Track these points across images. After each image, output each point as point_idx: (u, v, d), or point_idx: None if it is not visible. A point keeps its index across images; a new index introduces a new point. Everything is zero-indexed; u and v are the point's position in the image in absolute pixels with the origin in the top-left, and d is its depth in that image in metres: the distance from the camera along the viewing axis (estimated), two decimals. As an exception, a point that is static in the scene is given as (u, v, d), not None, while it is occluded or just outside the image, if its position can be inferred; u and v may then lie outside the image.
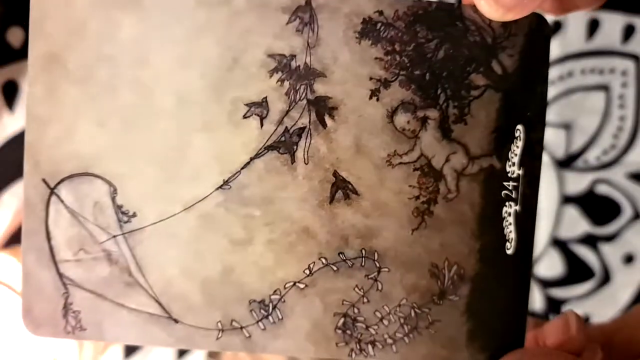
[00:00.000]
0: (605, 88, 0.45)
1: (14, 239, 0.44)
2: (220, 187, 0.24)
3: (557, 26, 0.45)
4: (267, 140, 0.24)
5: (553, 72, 0.45)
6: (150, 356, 0.44)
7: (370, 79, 0.24)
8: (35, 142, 0.25)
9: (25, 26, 0.44)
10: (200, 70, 0.24)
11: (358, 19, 0.24)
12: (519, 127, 0.24)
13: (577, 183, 0.45)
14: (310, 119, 0.24)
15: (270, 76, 0.24)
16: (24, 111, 0.44)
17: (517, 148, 0.24)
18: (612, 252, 0.45)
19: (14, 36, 0.45)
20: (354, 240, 0.25)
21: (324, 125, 0.24)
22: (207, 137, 0.24)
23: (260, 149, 0.24)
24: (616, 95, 0.45)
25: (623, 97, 0.45)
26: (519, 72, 0.24)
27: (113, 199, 0.25)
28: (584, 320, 0.36)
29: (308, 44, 0.24)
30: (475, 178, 0.24)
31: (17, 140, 0.44)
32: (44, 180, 0.25)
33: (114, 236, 0.25)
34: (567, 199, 0.45)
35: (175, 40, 0.24)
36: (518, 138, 0.24)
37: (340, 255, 0.25)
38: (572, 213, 0.45)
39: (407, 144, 0.24)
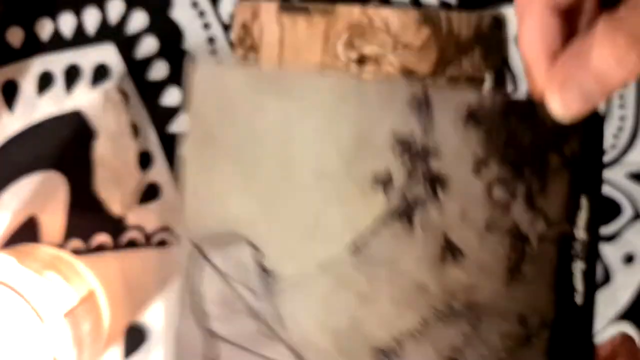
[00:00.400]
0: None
1: (14, 239, 0.44)
2: (351, 249, 0.28)
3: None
4: (391, 209, 0.28)
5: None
6: (148, 358, 0.44)
7: (474, 156, 0.29)
8: (191, 210, 0.28)
9: (24, 26, 0.45)
10: (335, 148, 0.28)
11: (464, 109, 0.29)
12: (583, 198, 0.29)
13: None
14: (426, 191, 0.29)
15: (394, 154, 0.29)
16: (24, 111, 0.44)
17: (583, 216, 0.29)
18: (612, 252, 0.45)
19: (13, 36, 0.45)
20: (460, 294, 0.28)
21: (437, 197, 0.29)
22: (340, 206, 0.28)
23: (385, 216, 0.28)
24: (616, 95, 0.45)
25: (623, 97, 0.45)
26: (583, 154, 0.29)
27: (258, 261, 0.28)
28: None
29: (425, 128, 0.29)
30: (552, 241, 0.29)
31: (17, 140, 0.44)
32: (196, 245, 0.28)
33: (259, 294, 0.28)
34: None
35: (315, 123, 0.28)
36: (584, 208, 0.29)
37: (449, 307, 0.28)
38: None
39: (502, 212, 0.29)
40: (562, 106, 0.26)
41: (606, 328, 0.45)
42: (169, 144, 0.44)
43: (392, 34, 0.43)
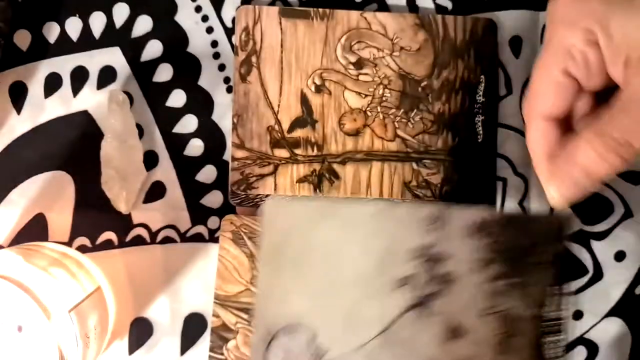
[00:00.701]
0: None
1: (22, 236, 0.44)
2: (381, 332, 0.36)
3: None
4: (412, 302, 0.36)
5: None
6: (153, 352, 0.45)
7: (479, 260, 0.37)
8: (263, 305, 0.37)
9: (32, 29, 0.45)
10: (370, 257, 0.36)
11: (473, 224, 0.37)
12: (559, 289, 0.37)
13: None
14: (438, 287, 0.37)
15: (414, 260, 0.37)
16: (31, 112, 0.45)
17: (559, 302, 0.37)
18: (604, 249, 0.45)
19: (21, 39, 0.45)
20: None
21: (447, 291, 0.36)
22: (373, 300, 0.36)
23: (407, 307, 0.36)
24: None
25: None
26: (561, 255, 0.37)
27: (313, 340, 0.36)
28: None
29: (440, 240, 0.37)
30: (534, 320, 0.37)
31: (25, 141, 0.45)
32: (267, 329, 0.36)
33: None
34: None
35: (357, 238, 0.37)
36: (559, 296, 0.37)
37: None
38: (566, 211, 0.45)
39: (497, 300, 0.36)
40: (558, 194, 0.32)
41: (598, 324, 0.45)
42: (174, 144, 0.45)
43: (389, 38, 0.44)
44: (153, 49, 0.45)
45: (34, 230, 0.44)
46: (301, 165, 0.44)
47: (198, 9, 0.45)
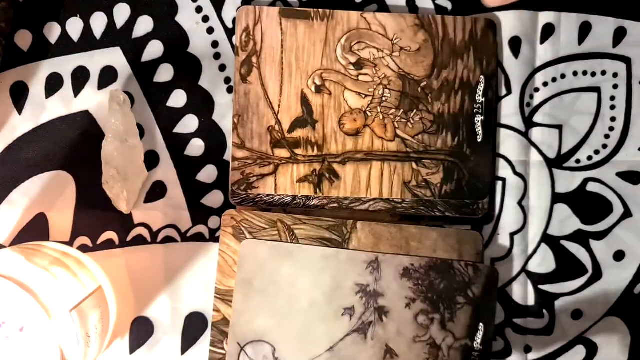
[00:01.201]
0: (596, 90, 0.46)
1: (23, 236, 0.44)
2: (328, 350, 0.44)
3: (551, 29, 0.46)
4: (353, 327, 0.44)
5: (546, 74, 0.46)
6: (154, 350, 0.45)
7: (406, 297, 0.44)
8: (235, 323, 0.44)
9: (33, 30, 0.45)
10: (321, 289, 0.44)
11: (401, 268, 0.44)
12: (481, 325, 0.44)
13: (569, 182, 0.46)
14: (375, 317, 0.44)
15: (356, 294, 0.44)
16: (33, 112, 0.44)
17: (480, 335, 0.44)
18: (603, 249, 0.45)
19: (22, 39, 0.45)
20: None
21: (382, 320, 0.44)
22: (322, 323, 0.44)
23: (349, 331, 0.44)
24: (607, 96, 0.46)
25: (614, 99, 0.46)
26: (481, 296, 0.44)
27: (273, 353, 0.44)
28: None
29: (375, 279, 0.44)
30: (458, 350, 0.44)
31: (26, 141, 0.45)
32: (238, 343, 0.44)
33: None
34: (559, 197, 0.46)
35: (310, 274, 0.44)
36: (480, 330, 0.44)
37: None
38: (564, 211, 0.46)
39: (424, 331, 0.44)
40: None
41: (597, 324, 0.46)
42: (174, 144, 0.45)
43: (389, 38, 0.44)
44: (154, 49, 0.45)
45: (35, 229, 0.45)
46: (301, 165, 0.44)
47: (199, 9, 0.45)
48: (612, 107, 0.46)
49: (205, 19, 0.45)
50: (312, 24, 0.44)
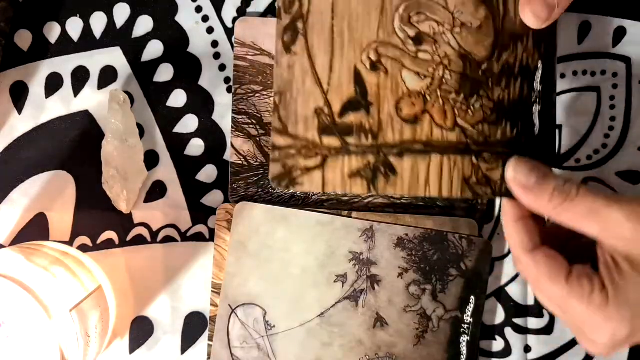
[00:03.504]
0: (596, 89, 0.46)
1: (23, 236, 0.45)
2: (319, 315, 0.45)
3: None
4: (345, 294, 0.45)
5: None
6: (154, 350, 0.45)
7: (399, 267, 0.45)
8: (227, 285, 0.44)
9: (33, 29, 0.45)
10: (314, 255, 0.45)
11: (395, 237, 0.45)
12: (472, 297, 0.45)
13: (570, 181, 0.45)
14: (367, 285, 0.45)
15: (349, 262, 0.45)
16: (33, 112, 0.45)
17: (470, 308, 0.45)
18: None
19: (22, 39, 0.45)
20: (384, 348, 0.45)
21: (374, 289, 0.45)
22: (314, 289, 0.45)
23: (341, 298, 0.45)
24: (607, 96, 0.46)
25: (614, 98, 0.46)
26: (474, 269, 0.45)
27: (264, 317, 0.44)
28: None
29: (369, 247, 0.45)
30: (448, 321, 0.45)
31: (26, 140, 0.45)
32: (229, 305, 0.44)
33: (262, 336, 0.45)
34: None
35: (304, 239, 0.44)
36: (471, 303, 0.45)
37: (376, 355, 0.45)
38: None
39: (415, 302, 0.45)
40: (532, 16, 0.38)
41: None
42: (174, 144, 0.45)
43: (450, 11, 0.39)
44: (154, 49, 0.45)
45: (35, 229, 0.45)
46: (353, 157, 0.38)
47: (198, 9, 0.45)
48: (612, 107, 0.46)
49: (205, 18, 0.45)
50: None
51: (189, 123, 0.45)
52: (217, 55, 0.45)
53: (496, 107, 0.39)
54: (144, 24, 0.45)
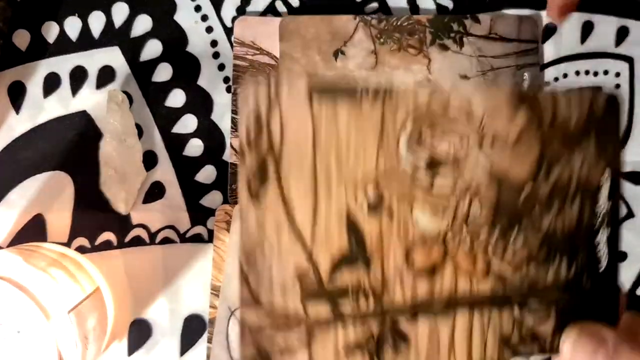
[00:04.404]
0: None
1: (21, 237, 0.44)
2: None
3: (553, 29, 0.46)
4: None
5: (548, 74, 0.45)
6: (152, 353, 0.45)
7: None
8: (226, 287, 0.44)
9: (31, 29, 0.45)
10: None
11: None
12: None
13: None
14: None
15: None
16: (30, 112, 0.44)
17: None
18: (605, 250, 0.45)
19: (20, 39, 0.45)
20: None
21: None
22: None
23: None
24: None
25: (616, 99, 0.45)
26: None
27: None
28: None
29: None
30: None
31: (24, 141, 0.45)
32: (228, 307, 0.44)
33: None
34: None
35: None
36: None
37: None
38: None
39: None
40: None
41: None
42: (173, 144, 0.45)
43: (477, 121, 0.29)
44: (152, 48, 0.45)
45: (33, 230, 0.44)
46: (350, 326, 0.30)
47: (197, 8, 0.45)
48: (614, 107, 0.45)
49: (204, 17, 0.45)
50: (360, 107, 0.29)
51: (188, 123, 0.45)
52: (216, 55, 0.45)
53: (546, 241, 0.30)
54: (143, 24, 0.45)
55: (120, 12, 0.45)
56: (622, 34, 0.45)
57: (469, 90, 0.30)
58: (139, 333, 0.44)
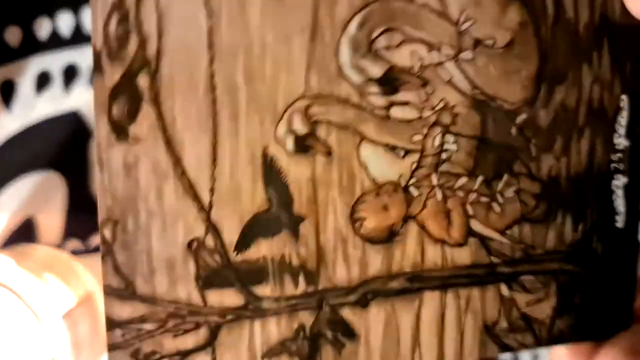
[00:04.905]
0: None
1: (11, 240, 0.43)
2: None
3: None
4: None
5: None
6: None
7: None
8: None
9: (22, 25, 0.44)
10: None
11: None
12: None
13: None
14: None
15: None
16: (21, 111, 0.44)
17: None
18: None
19: (11, 35, 0.44)
20: None
21: None
22: None
23: None
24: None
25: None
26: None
27: None
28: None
29: None
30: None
31: (14, 141, 0.44)
32: None
33: None
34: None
35: None
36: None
37: None
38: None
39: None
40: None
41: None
42: (169, 143, 0.44)
43: (453, 20, 0.22)
44: (147, 45, 0.44)
45: (25, 232, 0.44)
46: (271, 319, 0.22)
47: (194, 4, 0.45)
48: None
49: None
50: None
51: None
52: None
53: (545, 191, 0.23)
54: (137, 19, 0.44)
55: (114, 8, 0.45)
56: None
57: None
58: (134, 338, 0.44)
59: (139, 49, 0.19)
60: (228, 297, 0.21)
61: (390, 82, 0.21)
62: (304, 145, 0.21)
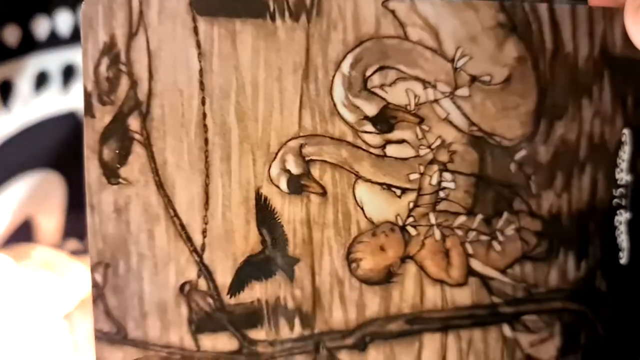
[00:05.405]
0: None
1: (10, 240, 0.44)
2: None
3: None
4: None
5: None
6: None
7: None
8: None
9: (21, 23, 0.44)
10: None
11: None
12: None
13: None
14: None
15: None
16: (20, 111, 0.44)
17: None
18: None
19: (10, 35, 0.44)
20: None
21: None
22: None
23: None
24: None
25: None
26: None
27: None
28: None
29: None
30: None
31: (13, 140, 0.44)
32: None
33: None
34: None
35: None
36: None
37: None
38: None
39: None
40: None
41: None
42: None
43: (447, 56, 0.22)
44: (146, 44, 0.44)
45: (23, 233, 0.44)
46: None
47: (193, 2, 0.45)
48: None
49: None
50: (273, 30, 0.20)
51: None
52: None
53: (546, 229, 0.23)
54: (136, 18, 0.44)
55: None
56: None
57: (433, 11, 0.20)
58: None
59: (130, 91, 0.19)
60: (222, 342, 0.21)
61: (385, 120, 0.21)
62: (298, 185, 0.21)
